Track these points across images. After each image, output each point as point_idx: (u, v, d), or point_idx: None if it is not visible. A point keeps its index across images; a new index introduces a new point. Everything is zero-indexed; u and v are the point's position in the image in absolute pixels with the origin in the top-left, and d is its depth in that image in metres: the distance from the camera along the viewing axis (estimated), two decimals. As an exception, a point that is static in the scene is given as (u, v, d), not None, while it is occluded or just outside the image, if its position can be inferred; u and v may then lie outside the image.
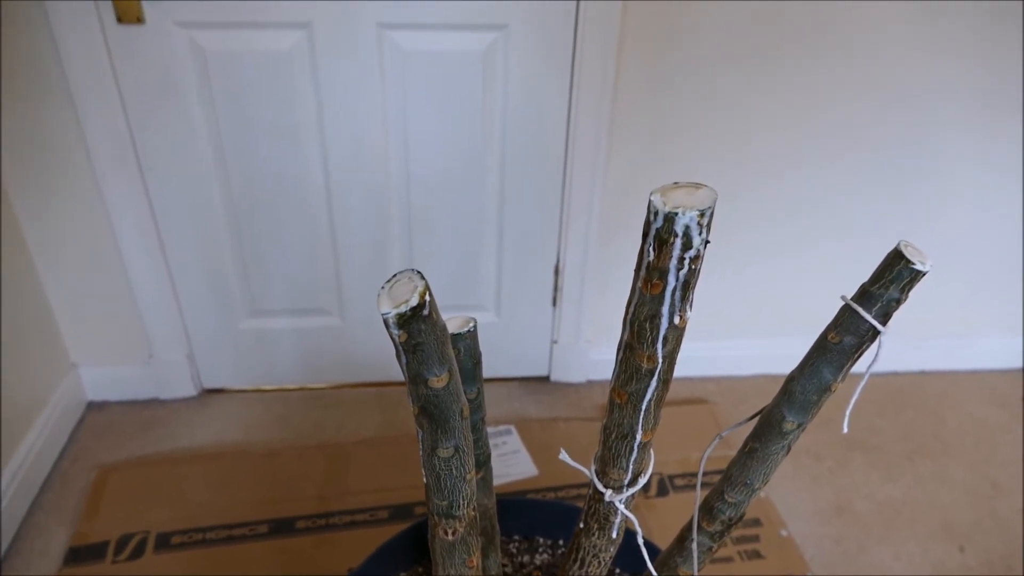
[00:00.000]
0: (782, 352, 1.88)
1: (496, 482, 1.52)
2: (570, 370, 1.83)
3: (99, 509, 1.43)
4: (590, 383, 1.85)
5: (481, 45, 1.39)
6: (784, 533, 1.45)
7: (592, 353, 1.81)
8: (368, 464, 1.56)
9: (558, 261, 1.68)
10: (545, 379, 1.86)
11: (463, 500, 0.54)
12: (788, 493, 1.55)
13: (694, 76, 1.47)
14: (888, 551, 1.43)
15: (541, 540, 1.05)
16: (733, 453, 1.25)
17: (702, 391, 1.85)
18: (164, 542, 1.37)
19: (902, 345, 1.91)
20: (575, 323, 1.75)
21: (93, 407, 1.71)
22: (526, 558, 1.02)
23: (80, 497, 1.47)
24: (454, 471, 0.52)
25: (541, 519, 1.05)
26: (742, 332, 1.85)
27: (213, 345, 1.70)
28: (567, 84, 1.45)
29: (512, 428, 1.67)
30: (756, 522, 1.47)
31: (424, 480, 0.54)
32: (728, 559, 1.39)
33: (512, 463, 1.57)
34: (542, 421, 1.71)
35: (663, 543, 1.37)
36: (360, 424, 1.69)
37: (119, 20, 1.29)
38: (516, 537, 1.05)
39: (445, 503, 0.54)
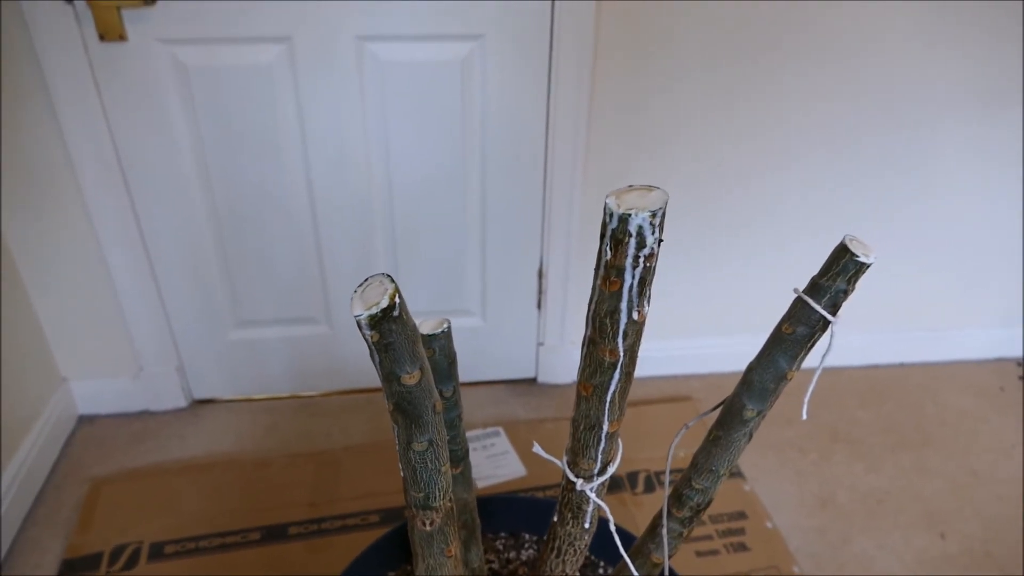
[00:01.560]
0: (764, 348, 1.91)
1: (485, 483, 1.54)
2: (556, 371, 1.86)
3: (93, 521, 1.45)
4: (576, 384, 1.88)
5: (459, 55, 1.42)
6: (769, 525, 1.48)
7: (577, 354, 1.84)
8: (358, 470, 1.58)
9: (541, 265, 1.71)
10: (532, 381, 1.89)
11: (439, 492, 0.56)
12: (773, 486, 1.58)
13: (671, 80, 1.50)
14: (871, 541, 1.46)
15: (527, 536, 1.07)
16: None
17: (687, 388, 1.88)
18: (158, 552, 1.39)
19: (882, 338, 1.95)
20: (560, 325, 1.78)
21: (84, 421, 1.72)
22: (512, 554, 1.04)
23: (73, 510, 1.48)
24: (429, 464, 0.55)
25: (526, 516, 1.08)
26: (726, 330, 1.88)
27: (202, 356, 1.72)
28: (544, 91, 1.48)
29: (500, 430, 1.70)
30: (741, 515, 1.50)
31: (401, 474, 0.57)
32: (715, 552, 1.42)
33: (501, 464, 1.59)
34: (530, 422, 1.74)
35: (649, 538, 1.39)
36: (349, 430, 1.71)
37: (102, 38, 1.32)
38: (503, 534, 1.07)
39: (422, 495, 0.56)
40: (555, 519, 0.68)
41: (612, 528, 0.61)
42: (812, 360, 1.97)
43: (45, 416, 1.59)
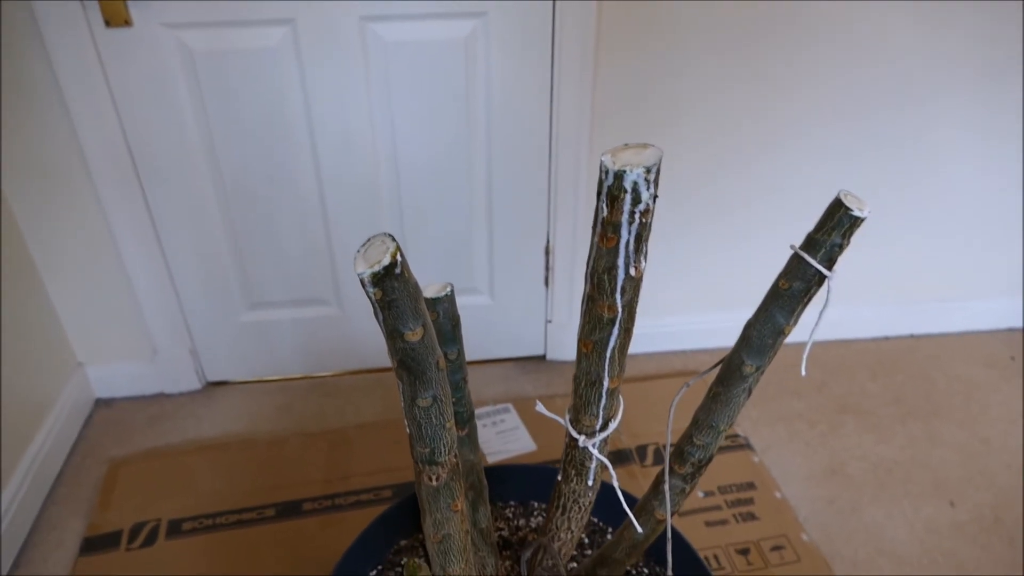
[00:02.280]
0: (772, 323, 1.91)
1: (496, 458, 1.56)
2: (565, 348, 1.87)
3: (111, 501, 1.48)
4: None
5: (461, 33, 1.43)
6: (778, 495, 1.49)
7: (586, 331, 1.85)
8: (370, 447, 1.61)
9: (548, 242, 1.72)
10: (541, 358, 1.90)
11: (444, 447, 0.58)
12: (782, 457, 1.59)
13: (674, 57, 1.50)
14: (881, 510, 1.47)
15: (536, 504, 1.09)
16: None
17: (695, 363, 1.89)
18: (175, 528, 1.42)
19: (892, 310, 1.95)
20: (568, 302, 1.79)
21: (101, 404, 1.75)
22: (521, 521, 1.06)
23: (93, 490, 1.52)
24: (434, 419, 0.56)
25: (535, 485, 1.10)
26: (732, 304, 1.88)
27: (215, 339, 1.75)
28: (548, 67, 1.48)
29: (510, 406, 1.71)
30: (751, 486, 1.51)
31: (407, 431, 0.58)
32: (724, 522, 1.43)
33: (511, 439, 1.61)
34: (539, 398, 1.75)
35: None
36: (361, 409, 1.73)
37: (107, 24, 1.33)
38: (512, 503, 1.09)
39: (427, 450, 0.58)
40: (559, 478, 0.69)
41: (615, 484, 0.62)
42: (809, 332, 1.97)
43: (63, 400, 1.62)
